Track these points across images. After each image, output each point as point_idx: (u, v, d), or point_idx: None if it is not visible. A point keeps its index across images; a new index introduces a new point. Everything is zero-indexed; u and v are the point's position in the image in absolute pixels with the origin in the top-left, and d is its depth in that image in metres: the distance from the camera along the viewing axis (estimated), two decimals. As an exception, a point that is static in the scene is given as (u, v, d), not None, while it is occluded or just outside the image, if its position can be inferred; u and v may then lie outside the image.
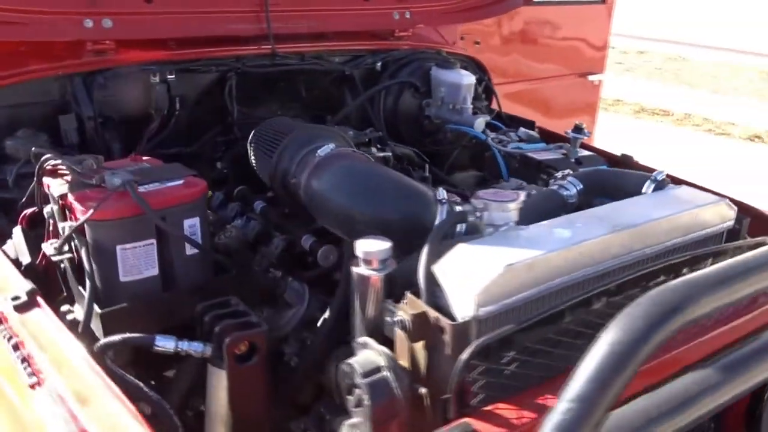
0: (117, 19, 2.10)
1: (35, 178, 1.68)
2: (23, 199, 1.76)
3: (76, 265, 1.52)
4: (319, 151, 1.63)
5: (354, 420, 1.16)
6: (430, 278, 1.18)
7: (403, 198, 1.49)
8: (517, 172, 2.31)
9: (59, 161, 1.62)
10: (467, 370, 1.05)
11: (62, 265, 1.54)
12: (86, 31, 2.05)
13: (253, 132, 2.03)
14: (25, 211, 1.72)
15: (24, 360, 1.27)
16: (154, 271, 1.51)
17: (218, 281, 1.60)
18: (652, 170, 2.35)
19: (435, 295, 1.17)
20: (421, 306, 1.14)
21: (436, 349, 1.12)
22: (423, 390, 1.12)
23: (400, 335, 1.16)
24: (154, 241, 1.49)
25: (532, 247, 1.20)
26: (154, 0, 2.17)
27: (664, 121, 9.03)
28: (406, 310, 1.14)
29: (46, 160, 1.64)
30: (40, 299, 1.34)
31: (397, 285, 1.24)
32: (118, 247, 1.45)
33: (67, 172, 1.60)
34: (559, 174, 1.73)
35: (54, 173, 1.65)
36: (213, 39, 2.32)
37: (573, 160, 2.29)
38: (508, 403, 1.09)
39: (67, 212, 1.53)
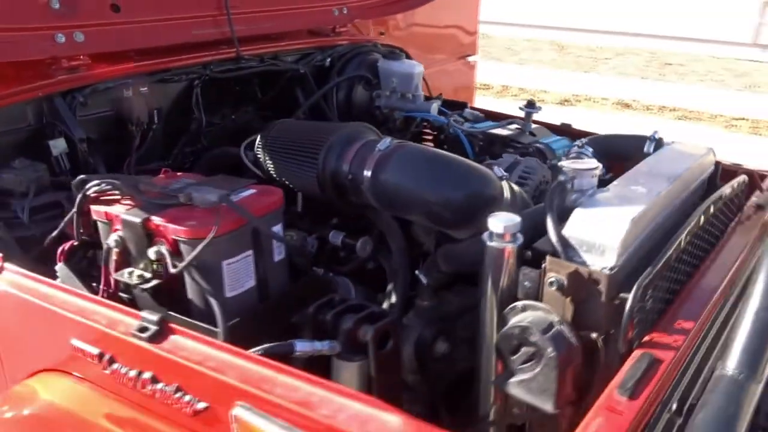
0: (88, 32, 1.96)
1: (76, 209, 1.56)
2: (53, 233, 1.62)
3: (170, 287, 1.46)
4: (378, 145, 1.71)
5: (524, 376, 1.30)
6: (564, 241, 1.35)
7: (470, 177, 1.62)
8: (482, 150, 2.53)
9: (111, 186, 1.53)
10: (635, 310, 1.24)
11: (145, 290, 1.47)
12: (59, 47, 1.90)
13: (260, 141, 2.02)
14: (63, 246, 1.59)
15: (179, 390, 1.23)
16: (252, 282, 1.51)
17: (301, 285, 1.62)
18: (589, 134, 2.71)
19: (569, 255, 1.34)
20: (569, 265, 1.30)
21: (589, 300, 1.29)
22: (594, 335, 1.29)
23: (552, 294, 1.31)
24: (251, 252, 1.49)
25: (631, 204, 1.41)
26: (122, 9, 2.05)
27: (486, 94, 9.85)
28: (558, 270, 1.30)
29: (92, 186, 1.54)
30: (173, 325, 1.29)
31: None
32: (224, 263, 1.43)
33: (118, 196, 1.52)
34: (578, 142, 1.96)
35: (100, 200, 1.55)
36: (179, 47, 2.24)
37: (528, 133, 2.56)
38: (657, 333, 1.29)
39: (152, 236, 1.46)
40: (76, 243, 1.60)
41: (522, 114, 2.58)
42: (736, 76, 11.05)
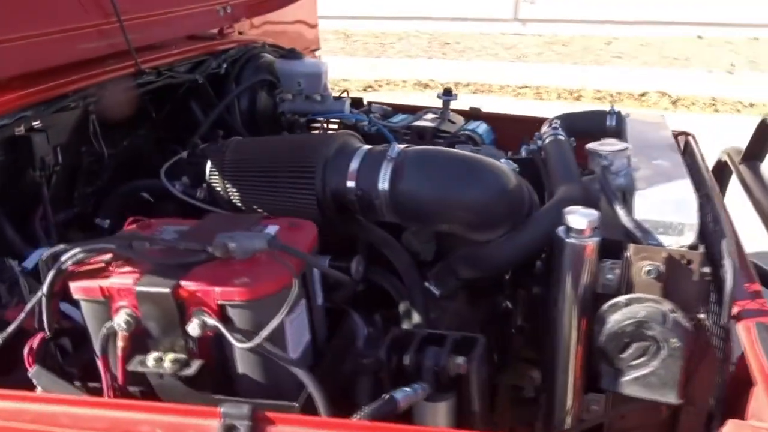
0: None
1: (46, 291, 1.17)
2: (7, 331, 1.21)
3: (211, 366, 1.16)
4: (388, 153, 1.51)
5: (639, 373, 1.25)
6: (640, 226, 1.31)
7: (498, 174, 1.51)
8: (411, 143, 2.42)
9: (101, 252, 1.18)
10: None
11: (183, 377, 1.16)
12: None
13: (213, 166, 1.71)
14: (31, 344, 1.19)
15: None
16: (308, 335, 1.27)
17: (346, 329, 1.41)
18: (504, 116, 2.74)
19: (647, 239, 1.30)
20: (660, 250, 1.26)
21: (680, 281, 1.27)
22: (701, 315, 1.27)
23: (647, 282, 1.27)
24: (304, 300, 1.24)
25: (676, 179, 1.42)
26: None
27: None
28: (653, 257, 1.25)
29: (71, 257, 1.17)
30: (266, 413, 1.02)
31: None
32: (287, 321, 1.17)
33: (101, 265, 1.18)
34: (548, 123, 1.93)
35: (78, 274, 1.19)
36: (65, 67, 1.81)
37: (448, 121, 2.51)
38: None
39: (183, 307, 1.14)
40: (48, 336, 1.20)
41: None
42: (506, 49, 12.13)
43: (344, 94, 2.62)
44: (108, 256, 1.19)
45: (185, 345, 1.15)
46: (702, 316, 1.27)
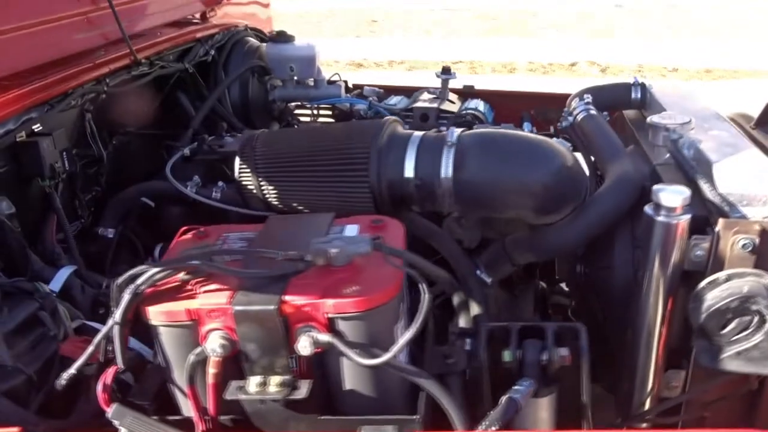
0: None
1: (119, 318, 1.03)
2: (74, 367, 1.05)
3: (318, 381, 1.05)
4: (448, 139, 1.41)
5: (740, 347, 1.23)
6: (726, 199, 1.28)
7: (557, 154, 1.44)
8: (414, 126, 2.33)
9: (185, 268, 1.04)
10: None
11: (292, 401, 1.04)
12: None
13: (242, 163, 1.57)
14: (104, 379, 1.04)
15: None
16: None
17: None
18: (499, 92, 2.69)
19: (733, 213, 1.28)
20: (752, 223, 1.24)
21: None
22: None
23: (741, 255, 1.24)
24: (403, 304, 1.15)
25: (743, 148, 1.40)
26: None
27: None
28: (747, 230, 1.23)
29: (150, 278, 1.03)
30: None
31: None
32: (396, 329, 1.08)
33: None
34: (576, 98, 1.88)
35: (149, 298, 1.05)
36: (64, 60, 1.61)
37: (447, 101, 2.44)
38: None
39: (287, 323, 1.02)
40: (122, 369, 1.06)
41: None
42: (435, 25, 12.14)
43: (336, 77, 2.50)
44: (181, 275, 1.05)
45: (288, 366, 1.04)
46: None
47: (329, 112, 2.43)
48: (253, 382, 1.03)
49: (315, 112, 2.43)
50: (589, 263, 1.65)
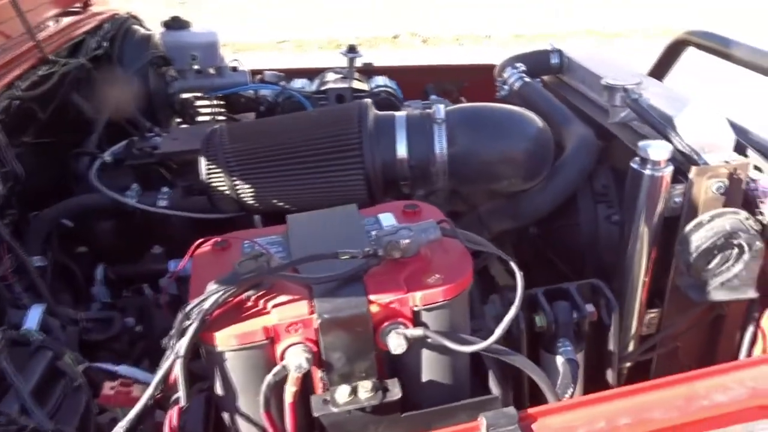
0: None
1: (183, 351, 0.91)
2: (134, 412, 0.92)
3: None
4: (436, 116, 1.39)
5: (722, 279, 1.39)
6: (692, 148, 1.42)
7: (535, 120, 1.49)
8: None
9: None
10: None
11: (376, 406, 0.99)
12: None
13: (209, 161, 1.43)
14: (170, 417, 0.92)
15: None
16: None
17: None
18: (391, 68, 2.70)
19: (698, 160, 1.43)
20: (719, 167, 1.38)
21: (737, 191, 1.41)
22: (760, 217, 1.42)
23: (714, 198, 1.39)
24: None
25: (685, 103, 1.55)
26: None
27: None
28: (717, 174, 1.37)
29: (219, 300, 0.91)
30: (527, 411, 0.93)
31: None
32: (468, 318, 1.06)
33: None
34: (505, 68, 1.94)
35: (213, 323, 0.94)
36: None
37: (355, 79, 2.40)
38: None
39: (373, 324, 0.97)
40: (184, 406, 0.93)
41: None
42: (251, 2, 11.77)
43: (235, 62, 2.35)
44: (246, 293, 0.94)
45: (374, 368, 0.98)
46: (761, 217, 1.43)
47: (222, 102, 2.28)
48: (341, 392, 0.96)
49: (215, 102, 2.27)
50: (543, 224, 1.74)
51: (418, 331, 0.96)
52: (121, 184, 1.64)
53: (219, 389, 0.98)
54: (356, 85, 2.33)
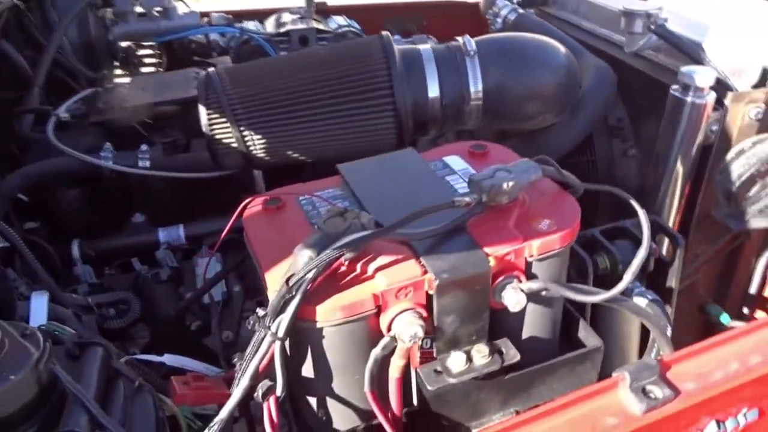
0: None
1: (283, 331, 0.75)
2: (227, 410, 0.75)
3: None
4: (468, 48, 1.24)
5: (760, 205, 1.36)
6: (724, 73, 1.37)
7: (561, 50, 1.37)
8: (291, 50, 2.06)
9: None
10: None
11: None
12: None
13: (221, 113, 1.22)
14: (269, 414, 0.76)
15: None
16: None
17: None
18: (346, 8, 2.52)
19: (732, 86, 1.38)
20: (757, 92, 1.34)
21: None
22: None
23: (751, 124, 1.35)
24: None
25: (707, 27, 1.50)
26: None
27: None
28: (756, 100, 1.33)
29: (311, 272, 0.75)
30: (662, 359, 0.85)
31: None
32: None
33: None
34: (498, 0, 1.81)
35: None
36: None
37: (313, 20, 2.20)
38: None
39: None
40: (281, 396, 0.77)
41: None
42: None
43: (181, 3, 2.08)
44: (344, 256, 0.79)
45: (486, 329, 0.86)
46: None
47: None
48: (455, 360, 0.83)
49: (159, 52, 2.00)
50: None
51: (537, 284, 0.85)
52: (87, 144, 1.39)
53: (309, 372, 0.83)
54: (317, 26, 2.13)
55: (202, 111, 1.22)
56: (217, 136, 1.24)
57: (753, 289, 1.59)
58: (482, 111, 1.29)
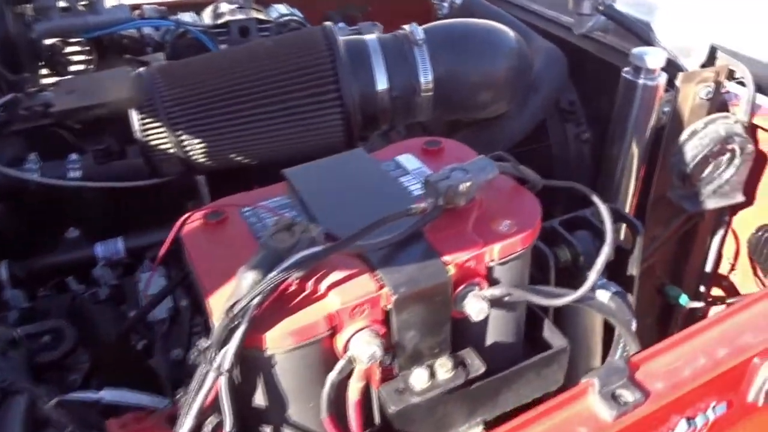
0: None
1: (228, 364, 0.68)
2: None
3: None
4: (416, 37, 1.18)
5: (714, 186, 1.35)
6: (672, 53, 1.35)
7: (510, 35, 1.33)
8: (232, 43, 1.97)
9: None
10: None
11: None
12: None
13: (155, 116, 1.14)
14: None
15: None
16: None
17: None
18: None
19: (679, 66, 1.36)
20: (705, 71, 1.32)
21: (717, 95, 1.36)
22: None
23: (701, 104, 1.33)
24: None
25: (651, 7, 1.48)
26: None
27: None
28: (706, 79, 1.31)
29: (255, 298, 0.69)
30: (632, 359, 0.82)
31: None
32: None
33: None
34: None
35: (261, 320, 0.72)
36: None
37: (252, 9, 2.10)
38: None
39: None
40: (230, 430, 0.71)
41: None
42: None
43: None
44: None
45: (449, 340, 0.81)
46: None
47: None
48: (418, 377, 0.79)
49: (89, 48, 1.88)
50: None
51: (499, 290, 0.80)
52: (9, 155, 1.29)
53: (262, 402, 0.77)
54: (257, 15, 2.04)
55: (134, 115, 1.13)
56: (152, 142, 1.15)
57: (708, 268, 1.59)
58: (434, 102, 1.24)
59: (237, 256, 0.75)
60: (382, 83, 1.19)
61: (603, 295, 1.06)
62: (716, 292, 1.66)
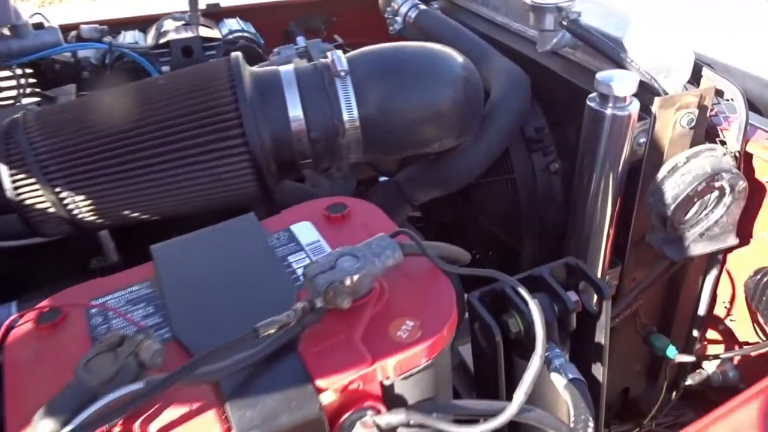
0: None
1: None
2: None
3: None
4: (338, 68, 1.00)
5: (701, 228, 1.16)
6: (648, 74, 1.16)
7: (457, 59, 1.15)
8: (175, 65, 1.79)
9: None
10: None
11: None
12: None
13: (26, 168, 0.97)
14: None
15: None
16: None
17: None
18: (241, 8, 2.27)
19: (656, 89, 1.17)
20: (688, 96, 1.13)
21: (702, 121, 1.17)
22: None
23: (683, 132, 1.14)
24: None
25: (625, 20, 1.28)
26: None
27: None
28: (687, 105, 1.12)
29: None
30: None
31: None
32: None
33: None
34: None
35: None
36: None
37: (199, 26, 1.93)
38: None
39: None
40: None
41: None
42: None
43: (37, 17, 1.79)
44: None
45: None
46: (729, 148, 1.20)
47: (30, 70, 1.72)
48: None
49: (19, 72, 1.72)
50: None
51: (397, 416, 0.62)
52: None
53: None
54: (204, 32, 1.87)
55: (4, 171, 0.96)
56: (28, 201, 0.98)
57: (702, 311, 1.40)
58: (363, 142, 1.05)
59: (60, 374, 0.58)
60: (297, 123, 1.00)
61: (558, 380, 0.88)
62: (712, 335, 1.46)
